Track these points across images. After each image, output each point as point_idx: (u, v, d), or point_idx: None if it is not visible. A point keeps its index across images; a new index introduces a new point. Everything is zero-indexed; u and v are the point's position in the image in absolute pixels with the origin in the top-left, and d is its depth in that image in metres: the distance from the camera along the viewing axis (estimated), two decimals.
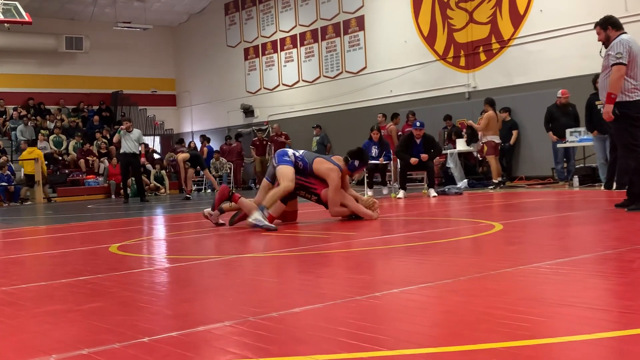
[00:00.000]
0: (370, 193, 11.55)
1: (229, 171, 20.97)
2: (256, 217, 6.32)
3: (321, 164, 6.91)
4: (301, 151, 7.13)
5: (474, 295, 2.81)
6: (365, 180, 12.15)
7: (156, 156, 23.17)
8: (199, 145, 21.54)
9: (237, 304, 2.91)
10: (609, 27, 6.59)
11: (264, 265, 4.32)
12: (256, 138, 20.78)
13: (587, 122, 10.73)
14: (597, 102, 10.33)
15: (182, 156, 15.77)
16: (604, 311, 2.42)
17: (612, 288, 2.92)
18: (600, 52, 6.71)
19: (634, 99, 6.28)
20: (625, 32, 6.57)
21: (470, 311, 2.51)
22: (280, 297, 3.08)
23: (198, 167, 15.76)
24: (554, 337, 2.09)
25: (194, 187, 16.76)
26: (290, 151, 7.02)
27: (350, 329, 2.30)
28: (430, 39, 16.90)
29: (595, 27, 6.75)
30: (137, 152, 14.94)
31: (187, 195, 15.56)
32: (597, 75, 10.48)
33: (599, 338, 2.05)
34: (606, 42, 6.58)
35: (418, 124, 11.28)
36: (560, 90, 12.55)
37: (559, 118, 12.35)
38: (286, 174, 6.69)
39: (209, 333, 2.36)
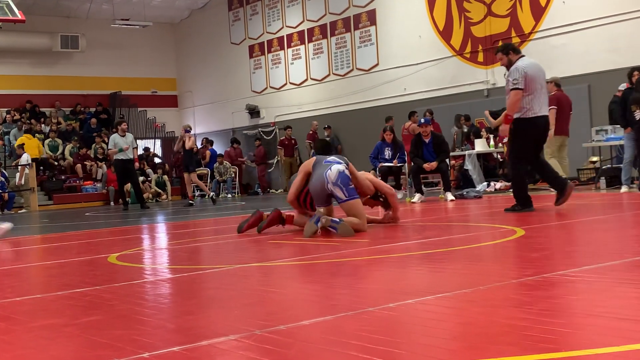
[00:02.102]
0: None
1: (233, 175, 21.02)
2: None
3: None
4: (331, 157, 6.64)
5: (495, 306, 2.80)
6: None
7: (157, 160, 23.25)
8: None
9: (243, 317, 2.91)
10: (510, 52, 7.64)
11: (271, 275, 4.32)
12: (284, 137, 20.32)
13: (621, 117, 10.68)
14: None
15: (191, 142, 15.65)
16: (634, 321, 2.40)
17: None
18: (505, 75, 7.85)
19: (528, 117, 7.40)
20: (524, 56, 7.66)
21: (491, 323, 2.50)
22: (288, 309, 3.08)
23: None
24: (581, 350, 2.07)
25: (197, 193, 16.82)
26: (342, 168, 6.38)
27: (362, 343, 2.29)
28: (446, 34, 16.88)
29: (496, 54, 7.84)
30: (132, 158, 15.12)
31: (190, 202, 15.61)
32: (633, 69, 10.52)
33: (629, 350, 2.03)
34: (509, 66, 7.60)
35: (423, 120, 11.35)
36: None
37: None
38: (363, 212, 6.38)
39: (213, 347, 2.36)
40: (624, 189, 10.32)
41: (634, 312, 2.59)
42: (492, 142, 13.87)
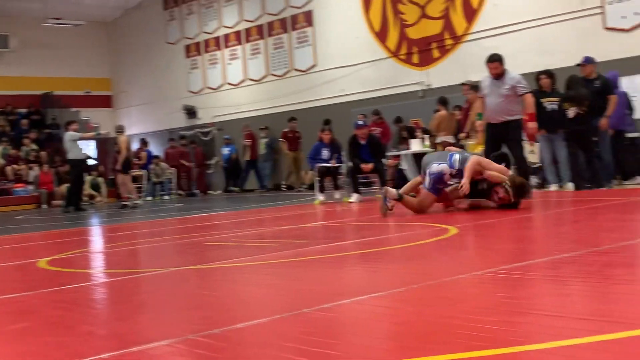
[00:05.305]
0: (322, 198, 11.57)
1: (170, 177, 20.73)
2: None
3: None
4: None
5: (428, 305, 2.82)
6: (316, 185, 12.15)
7: (91, 162, 22.76)
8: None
9: (177, 321, 2.86)
10: (503, 63, 8.62)
11: (206, 277, 4.27)
12: (288, 129, 18.42)
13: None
14: (543, 100, 10.56)
15: (124, 139, 15.71)
16: (562, 318, 2.46)
17: (569, 293, 2.97)
18: (499, 86, 8.61)
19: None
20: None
21: (424, 321, 2.52)
22: (223, 312, 3.05)
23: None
24: (512, 347, 2.11)
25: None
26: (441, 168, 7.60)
27: (298, 345, 2.28)
28: (381, 35, 17.03)
29: (493, 62, 8.61)
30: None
31: (125, 203, 15.34)
32: (539, 73, 10.83)
33: (558, 347, 2.07)
34: (500, 75, 8.57)
35: (361, 122, 11.47)
36: None
37: None
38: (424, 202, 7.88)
39: (144, 354, 2.32)
40: (553, 187, 10.58)
41: (562, 308, 2.65)
42: (427, 142, 14.05)
